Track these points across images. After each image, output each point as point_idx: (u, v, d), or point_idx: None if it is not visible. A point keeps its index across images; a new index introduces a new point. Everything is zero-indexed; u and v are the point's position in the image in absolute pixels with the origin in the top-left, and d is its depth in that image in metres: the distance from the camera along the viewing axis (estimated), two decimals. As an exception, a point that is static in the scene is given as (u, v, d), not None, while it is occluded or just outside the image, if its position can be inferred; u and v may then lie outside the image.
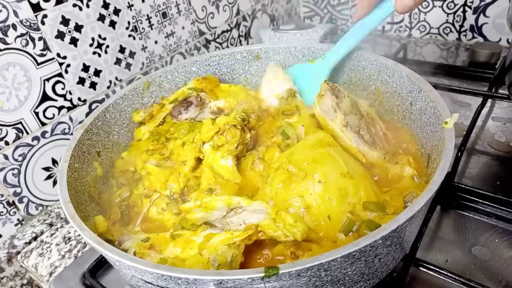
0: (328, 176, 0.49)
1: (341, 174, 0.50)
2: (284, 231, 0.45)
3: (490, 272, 0.51)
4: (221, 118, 0.61)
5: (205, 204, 0.50)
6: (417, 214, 0.39)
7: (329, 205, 0.48)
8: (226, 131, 0.58)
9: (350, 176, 0.50)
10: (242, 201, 0.49)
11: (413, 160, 0.55)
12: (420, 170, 0.54)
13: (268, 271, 0.35)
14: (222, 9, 1.03)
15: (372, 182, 0.52)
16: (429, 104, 0.54)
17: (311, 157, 0.52)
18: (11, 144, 0.68)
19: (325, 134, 0.57)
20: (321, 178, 0.49)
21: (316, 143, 0.54)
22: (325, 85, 0.60)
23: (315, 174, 0.50)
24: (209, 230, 0.49)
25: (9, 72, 0.65)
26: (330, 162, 0.51)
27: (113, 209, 0.59)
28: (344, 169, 0.50)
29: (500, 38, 1.02)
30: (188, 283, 0.37)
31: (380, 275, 0.45)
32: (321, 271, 0.36)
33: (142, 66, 0.87)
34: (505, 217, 0.58)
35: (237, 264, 0.44)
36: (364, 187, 0.50)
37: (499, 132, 0.75)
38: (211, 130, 0.59)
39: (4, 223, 0.70)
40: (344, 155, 0.54)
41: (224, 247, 0.44)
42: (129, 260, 0.39)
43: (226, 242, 0.45)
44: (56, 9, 0.69)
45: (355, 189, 0.49)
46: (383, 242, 0.38)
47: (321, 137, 0.56)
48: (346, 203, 0.48)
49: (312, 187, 0.49)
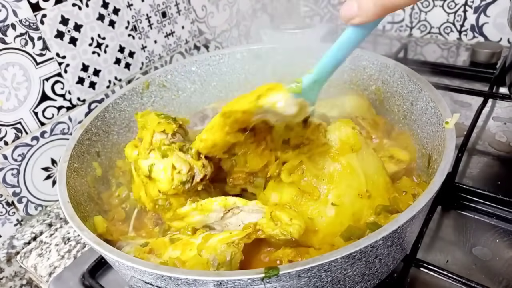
0: (343, 198, 0.46)
1: (359, 194, 0.46)
2: (281, 230, 0.45)
3: (490, 273, 0.51)
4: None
5: (201, 207, 0.49)
6: (418, 214, 0.38)
7: (339, 229, 0.46)
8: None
9: (367, 196, 0.46)
10: (238, 201, 0.48)
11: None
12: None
13: (268, 271, 0.34)
14: (222, 9, 1.03)
15: (392, 190, 0.49)
16: (430, 104, 0.54)
17: (328, 172, 0.47)
18: (10, 144, 0.67)
19: (349, 134, 0.48)
20: (335, 200, 0.46)
21: (337, 149, 0.48)
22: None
23: (329, 195, 0.46)
24: (208, 232, 0.48)
25: (8, 72, 0.65)
26: (348, 179, 0.47)
27: (116, 209, 0.59)
28: (363, 187, 0.46)
29: (501, 37, 1.02)
30: (188, 284, 0.37)
31: (380, 275, 0.45)
32: (322, 271, 0.36)
33: (142, 66, 0.87)
34: (506, 218, 0.58)
35: (237, 262, 0.44)
36: (381, 203, 0.47)
37: (500, 132, 0.75)
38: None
39: (3, 223, 0.70)
40: (367, 160, 0.49)
41: (223, 246, 0.44)
42: (128, 260, 0.39)
43: (225, 241, 0.45)
44: (55, 8, 0.69)
45: (370, 211, 0.46)
46: (383, 243, 0.37)
47: (343, 139, 0.48)
48: (358, 224, 0.46)
49: (324, 211, 0.46)
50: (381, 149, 0.58)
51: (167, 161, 0.50)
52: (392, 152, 0.57)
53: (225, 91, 0.79)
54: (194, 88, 0.77)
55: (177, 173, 0.49)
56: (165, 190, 0.50)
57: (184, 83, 0.76)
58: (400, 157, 0.56)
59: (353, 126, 0.49)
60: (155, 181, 0.50)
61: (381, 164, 0.51)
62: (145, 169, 0.51)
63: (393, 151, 0.57)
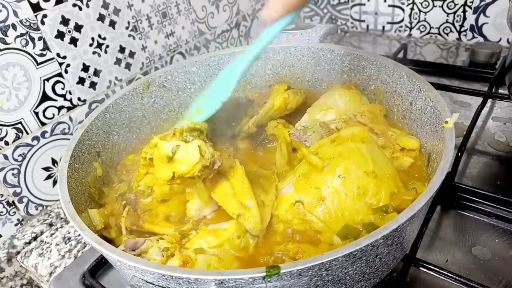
0: (350, 171, 0.49)
1: (365, 172, 0.49)
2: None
3: (490, 272, 0.51)
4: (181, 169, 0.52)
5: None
6: (417, 213, 0.39)
7: (343, 201, 0.48)
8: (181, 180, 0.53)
9: (374, 176, 0.48)
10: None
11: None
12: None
13: (269, 270, 0.35)
14: (222, 9, 1.03)
15: (401, 185, 0.50)
16: (429, 104, 0.54)
17: (338, 150, 0.52)
18: (11, 144, 0.68)
19: (361, 130, 0.55)
20: (342, 173, 0.49)
21: (348, 138, 0.54)
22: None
23: (337, 168, 0.49)
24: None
25: (9, 72, 0.65)
26: (356, 158, 0.50)
27: (114, 204, 0.59)
28: (370, 167, 0.49)
29: (500, 38, 1.02)
30: (189, 283, 0.37)
31: (381, 274, 0.45)
32: (322, 270, 0.36)
33: (142, 66, 0.87)
34: (505, 217, 0.58)
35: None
36: (387, 189, 0.48)
37: (499, 132, 0.75)
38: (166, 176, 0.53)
39: (4, 223, 0.70)
40: (377, 153, 0.52)
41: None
42: (130, 260, 0.39)
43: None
44: (56, 9, 0.69)
45: (375, 190, 0.48)
46: (384, 242, 0.38)
47: (355, 132, 0.54)
48: (362, 203, 0.47)
49: (331, 180, 0.49)
50: (390, 144, 0.58)
51: (193, 144, 0.51)
52: (401, 143, 0.57)
53: (225, 91, 0.80)
54: (194, 89, 0.77)
55: (201, 157, 0.50)
56: (184, 172, 0.50)
57: (184, 83, 0.76)
58: (410, 145, 0.57)
59: (363, 129, 0.56)
60: (174, 163, 0.50)
61: (390, 161, 0.54)
62: (168, 150, 0.51)
63: (402, 142, 0.57)
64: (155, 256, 0.46)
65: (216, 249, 0.48)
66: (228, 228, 0.50)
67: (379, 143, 0.58)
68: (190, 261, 0.46)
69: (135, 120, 0.71)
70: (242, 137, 0.66)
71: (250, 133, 0.65)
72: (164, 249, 0.46)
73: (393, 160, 0.56)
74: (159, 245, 0.47)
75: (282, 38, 1.04)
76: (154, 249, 0.47)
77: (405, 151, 0.57)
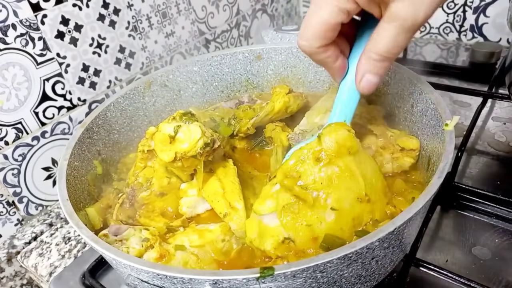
0: (343, 202, 0.44)
1: (358, 198, 0.44)
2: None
3: (490, 272, 0.51)
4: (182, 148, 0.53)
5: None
6: (415, 216, 0.38)
7: (340, 235, 0.44)
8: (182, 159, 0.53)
9: (367, 200, 0.45)
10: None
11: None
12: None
13: (263, 271, 0.34)
14: (222, 9, 1.03)
15: (387, 191, 0.49)
16: (430, 106, 0.54)
17: (327, 175, 0.44)
18: (11, 144, 0.68)
19: (344, 136, 0.46)
20: (334, 205, 0.43)
21: (334, 153, 0.45)
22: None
23: (328, 199, 0.44)
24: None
25: (9, 72, 0.65)
26: (347, 182, 0.44)
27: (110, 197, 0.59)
28: (362, 189, 0.45)
29: (500, 38, 1.02)
30: (184, 283, 0.37)
31: (378, 277, 0.45)
32: (317, 272, 0.36)
33: (142, 66, 0.87)
34: (505, 217, 0.58)
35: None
36: (380, 209, 0.46)
37: (499, 132, 0.75)
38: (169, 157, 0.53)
39: (4, 223, 0.70)
40: (365, 163, 0.47)
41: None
42: (125, 259, 0.39)
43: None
44: (55, 9, 0.69)
45: (369, 216, 0.45)
46: (380, 244, 0.37)
47: (340, 142, 0.45)
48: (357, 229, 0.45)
49: (323, 216, 0.44)
50: (389, 145, 0.57)
51: (194, 124, 0.53)
52: (401, 143, 0.56)
53: (227, 92, 0.80)
54: (195, 88, 0.77)
55: (203, 135, 0.52)
56: (187, 150, 0.51)
57: (186, 83, 0.76)
58: (410, 145, 0.56)
59: (348, 128, 0.47)
60: (176, 143, 0.52)
61: (377, 167, 0.50)
62: (170, 130, 0.52)
63: (402, 142, 0.56)
64: (134, 245, 0.47)
65: (197, 249, 0.47)
66: (214, 230, 0.50)
67: (379, 144, 0.57)
68: (167, 256, 0.46)
69: (136, 119, 0.71)
70: (240, 137, 0.66)
71: (249, 134, 0.65)
72: (145, 240, 0.47)
73: (393, 161, 0.56)
74: (141, 234, 0.48)
75: (284, 38, 1.04)
76: (135, 238, 0.47)
77: (405, 151, 0.56)
